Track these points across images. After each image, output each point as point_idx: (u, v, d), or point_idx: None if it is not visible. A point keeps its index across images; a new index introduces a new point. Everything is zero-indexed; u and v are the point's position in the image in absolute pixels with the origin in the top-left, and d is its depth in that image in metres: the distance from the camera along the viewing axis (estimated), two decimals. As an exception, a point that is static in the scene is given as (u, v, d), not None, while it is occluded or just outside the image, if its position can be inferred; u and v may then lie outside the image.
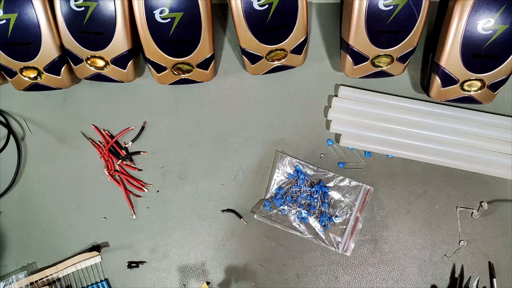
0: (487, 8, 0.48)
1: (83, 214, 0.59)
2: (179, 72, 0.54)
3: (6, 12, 0.49)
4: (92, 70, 0.54)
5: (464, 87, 0.53)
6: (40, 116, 0.60)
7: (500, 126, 0.58)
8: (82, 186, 0.59)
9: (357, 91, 0.59)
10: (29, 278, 0.56)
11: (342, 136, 0.58)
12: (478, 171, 0.58)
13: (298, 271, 0.58)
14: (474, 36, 0.49)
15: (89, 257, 0.57)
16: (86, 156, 0.60)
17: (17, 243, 0.59)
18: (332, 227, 0.58)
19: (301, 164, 0.59)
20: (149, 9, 0.48)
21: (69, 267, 0.57)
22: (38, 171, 0.60)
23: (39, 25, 0.50)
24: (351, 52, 0.53)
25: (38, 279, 0.56)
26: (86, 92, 0.61)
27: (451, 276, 0.58)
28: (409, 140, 0.58)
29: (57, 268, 0.57)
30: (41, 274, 0.56)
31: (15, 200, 0.59)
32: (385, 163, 0.59)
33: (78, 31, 0.50)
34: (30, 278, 0.56)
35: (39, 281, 0.56)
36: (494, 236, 0.58)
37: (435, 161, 0.58)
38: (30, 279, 0.56)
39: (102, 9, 0.49)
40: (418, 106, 0.59)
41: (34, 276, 0.56)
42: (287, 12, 0.50)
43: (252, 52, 0.53)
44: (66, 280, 0.58)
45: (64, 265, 0.57)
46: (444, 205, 0.58)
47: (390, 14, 0.49)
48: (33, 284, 0.56)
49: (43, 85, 0.55)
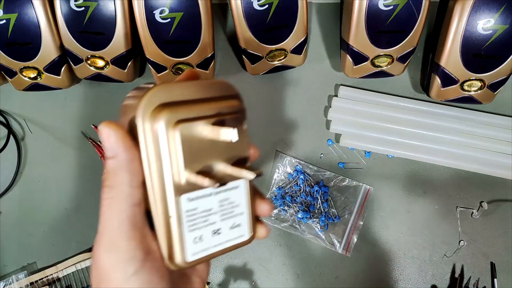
0: (487, 8, 0.48)
1: (83, 214, 0.59)
2: (179, 72, 0.54)
3: (6, 12, 0.49)
4: (92, 70, 0.54)
5: (464, 87, 0.53)
6: (40, 116, 0.60)
7: (500, 126, 0.58)
8: (82, 186, 0.59)
9: (357, 91, 0.59)
10: (29, 278, 0.56)
11: (342, 136, 0.58)
12: (478, 171, 0.58)
13: (298, 271, 0.58)
14: (474, 36, 0.49)
15: (89, 257, 0.57)
16: (86, 156, 0.60)
17: (17, 243, 0.59)
18: (332, 227, 0.58)
19: (301, 164, 0.59)
20: (149, 9, 0.48)
21: (69, 267, 0.57)
22: (38, 171, 0.60)
23: (39, 25, 0.50)
24: (351, 52, 0.53)
25: (38, 279, 0.56)
26: (86, 92, 0.61)
27: (451, 276, 0.58)
28: (409, 140, 0.58)
29: (57, 268, 0.57)
30: (41, 274, 0.56)
31: (15, 200, 0.59)
32: (385, 163, 0.59)
33: (78, 31, 0.50)
34: (30, 278, 0.56)
35: (39, 281, 0.56)
36: (494, 236, 0.58)
37: (435, 161, 0.58)
38: (30, 279, 0.56)
39: (102, 9, 0.49)
40: (418, 106, 0.59)
41: (34, 276, 0.56)
42: (287, 12, 0.50)
43: (252, 52, 0.53)
44: (66, 280, 0.57)
45: (64, 265, 0.57)
46: (444, 205, 0.58)
47: (390, 14, 0.49)
48: (33, 284, 0.56)
49: (43, 85, 0.55)
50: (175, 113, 0.23)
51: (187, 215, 0.25)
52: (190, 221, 0.25)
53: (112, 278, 0.23)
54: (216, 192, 0.26)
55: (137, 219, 0.24)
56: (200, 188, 0.25)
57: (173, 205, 0.24)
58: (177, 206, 0.24)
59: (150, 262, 0.24)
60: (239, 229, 0.28)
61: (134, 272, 0.23)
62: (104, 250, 0.24)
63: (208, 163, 0.25)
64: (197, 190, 0.25)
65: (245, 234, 0.28)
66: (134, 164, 0.24)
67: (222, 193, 0.27)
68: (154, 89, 0.23)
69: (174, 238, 0.25)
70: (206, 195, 0.26)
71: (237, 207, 0.27)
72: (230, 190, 0.27)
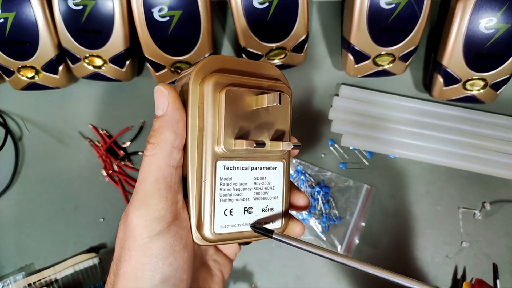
0: (489, 7, 0.47)
1: (81, 215, 0.59)
2: (178, 71, 0.54)
3: (4, 11, 0.49)
4: (90, 69, 0.53)
5: (467, 87, 0.53)
6: (38, 115, 0.60)
7: (503, 126, 0.58)
8: (80, 187, 0.59)
9: (359, 90, 0.59)
10: (27, 279, 0.56)
11: (343, 136, 0.58)
12: (480, 171, 0.57)
13: (299, 273, 0.58)
14: (476, 35, 0.49)
15: (87, 258, 0.57)
16: (84, 156, 0.59)
17: (14, 244, 0.58)
18: (333, 228, 0.58)
19: (301, 164, 0.58)
20: (147, 7, 0.48)
21: (67, 269, 0.57)
22: (36, 171, 0.59)
23: (37, 24, 0.50)
24: (353, 51, 0.52)
25: (36, 280, 0.56)
26: (84, 92, 0.60)
27: (453, 277, 0.57)
28: (411, 140, 0.57)
29: (55, 269, 0.56)
30: (39, 275, 0.56)
31: (13, 200, 0.59)
32: (386, 164, 0.59)
33: (76, 30, 0.50)
34: (28, 279, 0.56)
35: (37, 282, 0.56)
36: (497, 237, 0.57)
37: (437, 161, 0.57)
38: (28, 280, 0.56)
39: (100, 7, 0.49)
40: (420, 105, 0.58)
41: (32, 277, 0.56)
42: (287, 10, 0.49)
43: (252, 50, 0.53)
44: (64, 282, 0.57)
45: (62, 267, 0.57)
46: (446, 206, 0.58)
47: (392, 13, 0.49)
48: (31, 285, 0.56)
49: (40, 84, 0.55)
50: (224, 79, 0.25)
51: (221, 183, 0.25)
52: (223, 190, 0.25)
53: (137, 235, 0.24)
54: (253, 167, 0.27)
55: (172, 181, 0.25)
56: (237, 158, 0.26)
57: (209, 169, 0.25)
58: (212, 171, 0.25)
59: (176, 227, 0.24)
60: (271, 214, 0.27)
61: (159, 231, 0.24)
62: (135, 207, 0.24)
63: (248, 133, 0.26)
64: (234, 160, 0.26)
65: (277, 222, 0.28)
66: (180, 125, 0.25)
67: (258, 170, 0.27)
68: (208, 58, 0.26)
69: (205, 204, 0.25)
70: (242, 167, 0.26)
71: (272, 189, 0.28)
72: (267, 170, 0.27)
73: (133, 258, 0.24)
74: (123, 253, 0.24)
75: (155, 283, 0.23)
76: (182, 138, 0.25)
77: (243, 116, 0.26)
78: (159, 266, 0.24)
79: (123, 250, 0.24)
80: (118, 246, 0.25)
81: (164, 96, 0.25)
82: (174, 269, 0.24)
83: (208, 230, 0.25)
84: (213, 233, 0.25)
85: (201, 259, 0.31)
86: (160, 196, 0.24)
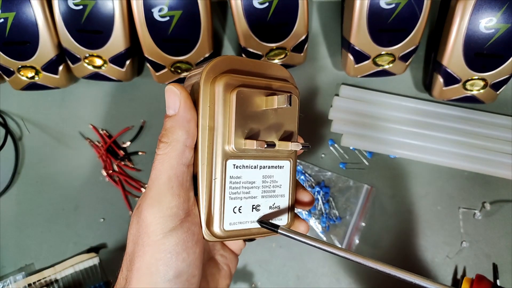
0: (489, 7, 0.47)
1: (81, 215, 0.58)
2: (178, 71, 0.54)
3: (4, 11, 0.49)
4: (90, 69, 0.53)
5: (467, 87, 0.53)
6: (38, 115, 0.60)
7: (503, 126, 0.58)
8: (80, 187, 0.59)
9: (359, 90, 0.59)
10: (27, 279, 0.56)
11: (344, 136, 0.58)
12: (481, 171, 0.57)
13: (299, 273, 0.57)
14: (476, 35, 0.49)
15: (87, 258, 0.57)
16: (84, 156, 0.59)
17: (14, 244, 0.58)
18: (333, 228, 0.58)
19: (301, 164, 0.58)
20: (147, 7, 0.48)
21: (67, 269, 0.57)
22: (35, 171, 0.59)
23: (37, 24, 0.50)
24: (353, 51, 0.52)
25: (36, 280, 0.56)
26: (84, 92, 0.60)
27: (453, 277, 0.57)
28: (411, 140, 0.57)
29: (55, 270, 0.56)
30: (39, 276, 0.56)
31: (13, 200, 0.59)
32: (387, 164, 0.59)
33: (76, 30, 0.50)
34: (28, 279, 0.56)
35: (37, 282, 0.56)
36: (497, 237, 0.57)
37: (437, 161, 0.57)
38: (28, 280, 0.56)
39: (100, 7, 0.49)
40: (420, 105, 0.58)
41: (32, 277, 0.56)
42: (287, 10, 0.49)
43: (252, 50, 0.53)
44: (64, 282, 0.57)
45: (62, 267, 0.57)
46: (447, 206, 0.58)
47: (392, 13, 0.49)
48: (31, 285, 0.56)
49: (40, 84, 0.55)
50: (235, 80, 0.26)
51: (231, 181, 0.26)
52: (233, 188, 0.26)
53: (151, 231, 0.24)
54: (261, 166, 0.27)
55: (184, 179, 0.25)
56: (246, 158, 0.27)
57: (219, 168, 0.26)
58: (222, 169, 0.26)
59: (189, 223, 0.25)
60: (278, 211, 0.28)
61: (173, 228, 0.24)
62: (148, 205, 0.25)
63: (258, 133, 0.27)
64: (243, 159, 0.26)
65: (283, 219, 0.29)
66: (191, 124, 0.25)
67: (266, 169, 0.28)
68: (218, 59, 0.26)
69: (215, 202, 0.26)
70: (251, 166, 0.27)
71: (279, 188, 0.28)
72: (275, 168, 0.28)
73: (147, 253, 0.24)
74: (137, 248, 0.25)
75: (169, 277, 0.24)
76: (193, 137, 0.25)
77: (252, 116, 0.26)
78: (172, 261, 0.24)
79: (136, 246, 0.25)
80: (131, 241, 0.25)
81: (176, 95, 0.25)
82: (187, 265, 0.25)
83: (217, 227, 0.26)
84: (222, 229, 0.26)
85: (209, 254, 0.32)
86: (173, 194, 0.25)
